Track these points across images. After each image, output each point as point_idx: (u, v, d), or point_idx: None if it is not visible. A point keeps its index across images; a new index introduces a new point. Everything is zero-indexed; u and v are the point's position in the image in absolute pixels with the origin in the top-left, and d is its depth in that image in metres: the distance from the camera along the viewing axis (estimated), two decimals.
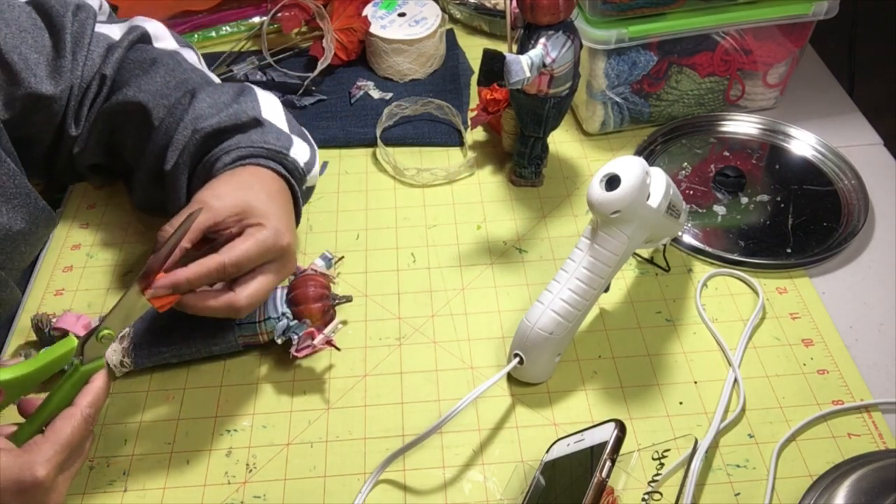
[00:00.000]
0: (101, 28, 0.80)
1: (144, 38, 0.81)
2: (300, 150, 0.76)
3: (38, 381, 0.57)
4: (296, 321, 0.71)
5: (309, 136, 0.81)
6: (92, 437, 0.58)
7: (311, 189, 0.82)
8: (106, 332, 0.58)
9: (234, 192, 0.66)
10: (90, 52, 0.77)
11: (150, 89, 0.75)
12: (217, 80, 0.82)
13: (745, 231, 0.83)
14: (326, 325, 0.71)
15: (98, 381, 0.58)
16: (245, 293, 0.64)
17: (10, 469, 0.52)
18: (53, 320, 0.72)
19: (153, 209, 0.84)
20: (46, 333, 0.72)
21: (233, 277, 0.64)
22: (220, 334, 0.72)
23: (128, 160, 0.80)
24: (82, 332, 0.71)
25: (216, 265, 0.62)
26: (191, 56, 0.82)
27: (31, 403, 0.57)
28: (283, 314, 0.71)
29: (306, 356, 0.72)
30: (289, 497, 0.65)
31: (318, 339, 0.70)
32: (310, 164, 0.77)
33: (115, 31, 0.80)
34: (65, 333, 0.71)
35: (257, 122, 0.74)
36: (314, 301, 0.71)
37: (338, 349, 0.72)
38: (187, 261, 0.62)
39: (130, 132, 0.78)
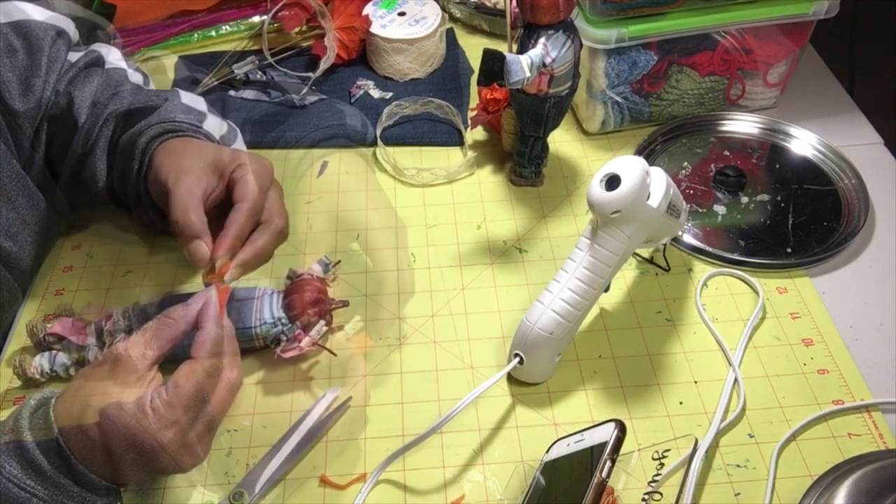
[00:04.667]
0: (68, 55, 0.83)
1: (98, 61, 0.83)
2: (213, 125, 0.79)
3: None
4: (290, 324, 0.71)
5: (232, 124, 0.84)
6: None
7: None
8: None
9: (194, 161, 0.69)
10: (61, 76, 0.80)
11: (84, 92, 0.78)
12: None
13: (746, 231, 0.83)
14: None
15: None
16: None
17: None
18: (48, 326, 0.72)
19: (76, 210, 0.85)
20: (42, 339, 0.71)
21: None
22: None
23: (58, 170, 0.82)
24: (76, 337, 0.71)
25: (247, 211, 0.66)
26: (135, 77, 0.84)
27: None
28: (279, 319, 0.71)
29: (292, 357, 0.70)
30: (289, 497, 0.65)
31: (305, 341, 0.70)
32: (226, 139, 0.81)
33: (73, 57, 0.82)
34: (60, 339, 0.71)
35: (166, 101, 0.78)
36: (310, 306, 0.71)
37: (334, 354, 0.72)
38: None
39: (61, 136, 0.79)
